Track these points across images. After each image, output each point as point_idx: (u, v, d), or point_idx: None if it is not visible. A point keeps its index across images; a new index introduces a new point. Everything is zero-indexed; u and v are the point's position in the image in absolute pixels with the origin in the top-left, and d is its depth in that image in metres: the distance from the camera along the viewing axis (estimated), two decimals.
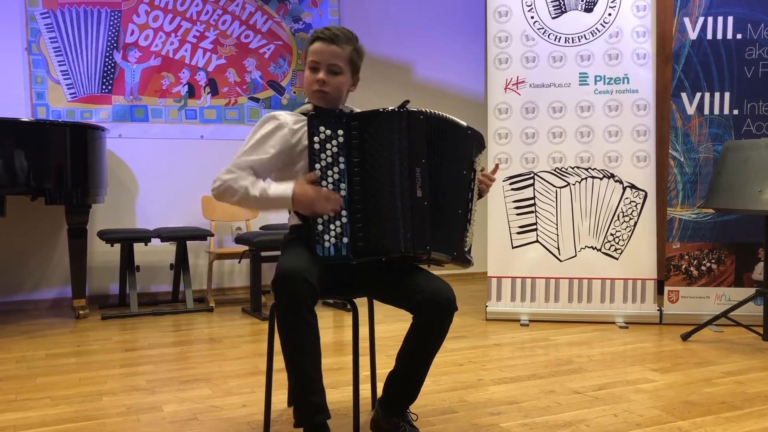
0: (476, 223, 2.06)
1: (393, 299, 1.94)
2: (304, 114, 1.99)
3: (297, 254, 1.85)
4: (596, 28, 3.77)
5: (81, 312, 4.02)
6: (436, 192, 1.91)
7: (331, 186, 1.87)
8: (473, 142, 2.03)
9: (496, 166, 2.24)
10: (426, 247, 1.87)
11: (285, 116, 2.00)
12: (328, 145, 1.87)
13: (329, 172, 1.87)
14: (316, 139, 1.87)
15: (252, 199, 1.91)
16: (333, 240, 1.85)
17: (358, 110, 2.07)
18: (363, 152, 1.87)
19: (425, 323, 1.87)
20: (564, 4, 3.80)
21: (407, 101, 1.91)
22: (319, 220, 1.86)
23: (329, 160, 1.87)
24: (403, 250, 1.84)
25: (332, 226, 1.85)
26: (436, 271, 1.99)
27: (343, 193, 1.86)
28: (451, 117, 1.98)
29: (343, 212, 1.86)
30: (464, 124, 2.00)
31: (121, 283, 4.40)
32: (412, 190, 1.86)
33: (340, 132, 1.87)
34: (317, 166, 1.88)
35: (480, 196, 2.10)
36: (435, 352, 1.93)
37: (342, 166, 1.87)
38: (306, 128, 1.91)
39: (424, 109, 1.91)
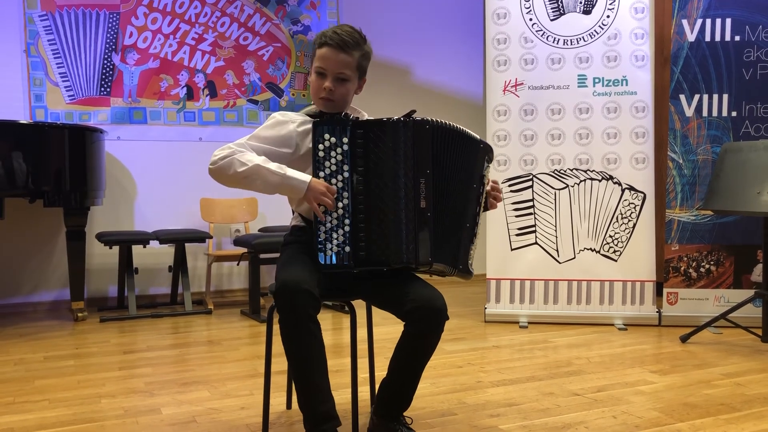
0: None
1: (385, 305, 1.93)
2: (310, 116, 1.98)
3: (296, 263, 1.84)
4: (595, 30, 3.77)
5: (79, 314, 4.01)
6: (441, 203, 1.90)
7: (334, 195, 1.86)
8: (484, 155, 2.00)
9: (496, 183, 2.13)
10: (428, 259, 1.87)
11: (292, 115, 2.00)
12: (333, 153, 1.85)
13: (333, 180, 1.86)
14: (320, 146, 1.85)
15: (264, 173, 1.84)
16: (335, 249, 1.84)
17: (364, 113, 2.06)
18: (367, 161, 1.85)
19: (416, 332, 1.86)
20: (562, 6, 3.81)
21: (413, 111, 1.90)
22: (322, 229, 1.84)
23: (333, 168, 1.86)
24: (405, 261, 1.84)
25: (335, 235, 1.84)
26: (434, 278, 1.99)
27: (345, 201, 1.85)
28: (462, 128, 1.95)
29: (346, 221, 1.84)
30: (476, 136, 1.98)
31: (120, 286, 4.39)
32: (416, 201, 1.85)
33: (345, 140, 1.85)
34: (321, 174, 1.86)
35: (486, 208, 2.08)
36: (426, 360, 1.93)
37: (346, 174, 1.85)
38: (310, 132, 1.90)
39: (431, 119, 1.89)
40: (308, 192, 1.83)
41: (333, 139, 1.85)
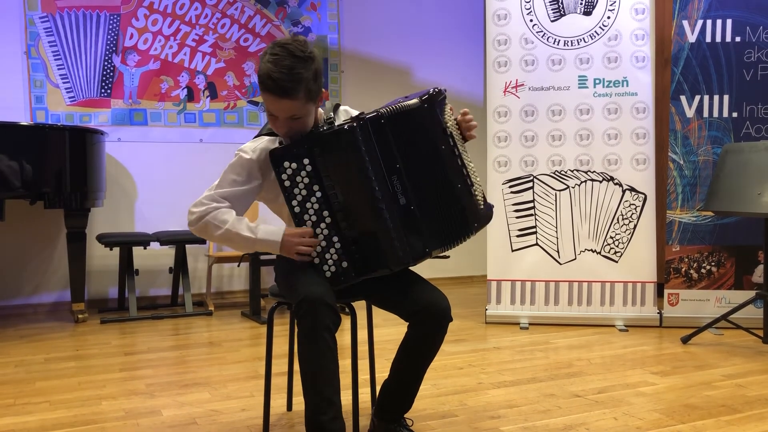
0: None
1: (389, 306, 1.93)
2: (267, 135, 1.92)
3: (312, 273, 1.81)
4: (595, 32, 3.77)
5: (80, 316, 4.01)
6: (422, 187, 1.85)
7: (314, 217, 1.82)
8: (434, 108, 1.85)
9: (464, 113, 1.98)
10: (425, 250, 1.85)
11: (250, 145, 1.91)
12: (298, 178, 1.82)
13: (308, 205, 1.82)
14: (284, 176, 1.81)
15: (236, 237, 1.83)
16: (333, 268, 1.83)
17: (340, 116, 1.97)
18: (336, 175, 1.81)
19: (420, 333, 1.86)
20: (563, 7, 3.81)
21: (362, 112, 1.85)
22: (313, 254, 1.83)
23: (304, 192, 1.82)
24: (403, 261, 1.82)
25: (327, 256, 1.83)
26: (440, 270, 1.98)
27: (327, 220, 1.82)
28: (402, 103, 1.84)
29: (334, 239, 1.82)
30: (415, 100, 1.84)
31: (120, 287, 4.39)
32: (395, 199, 1.82)
33: (306, 161, 1.81)
34: (294, 202, 1.82)
35: (466, 140, 1.96)
36: (429, 361, 1.93)
37: (319, 194, 1.82)
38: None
39: (383, 111, 1.82)
40: (283, 250, 1.83)
41: (294, 165, 1.81)
